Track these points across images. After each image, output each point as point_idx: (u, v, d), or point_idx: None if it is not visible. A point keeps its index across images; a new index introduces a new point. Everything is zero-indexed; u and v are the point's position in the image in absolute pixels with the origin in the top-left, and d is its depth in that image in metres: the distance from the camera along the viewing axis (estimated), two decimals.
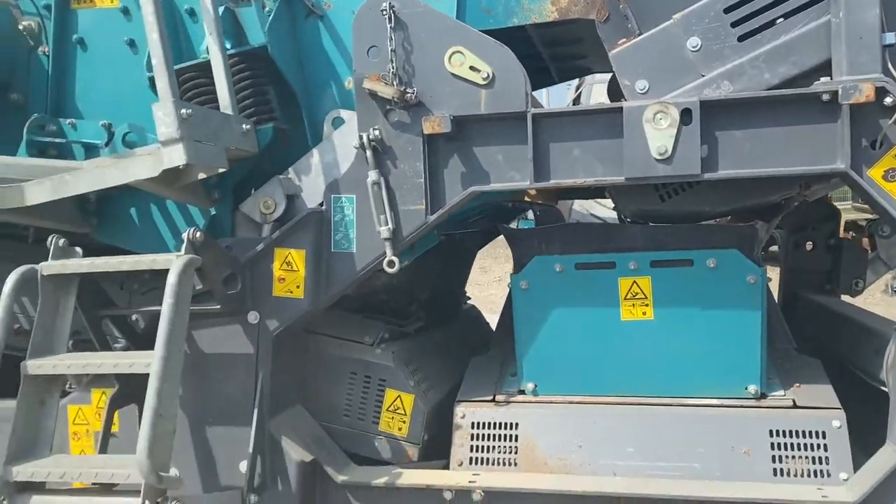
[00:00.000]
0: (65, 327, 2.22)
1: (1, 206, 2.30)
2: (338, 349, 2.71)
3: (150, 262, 2.21)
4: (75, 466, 2.03)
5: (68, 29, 2.84)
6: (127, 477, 1.95)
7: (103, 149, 2.74)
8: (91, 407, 2.69)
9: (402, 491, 2.47)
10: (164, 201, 2.60)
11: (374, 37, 2.35)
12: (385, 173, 2.38)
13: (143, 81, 2.73)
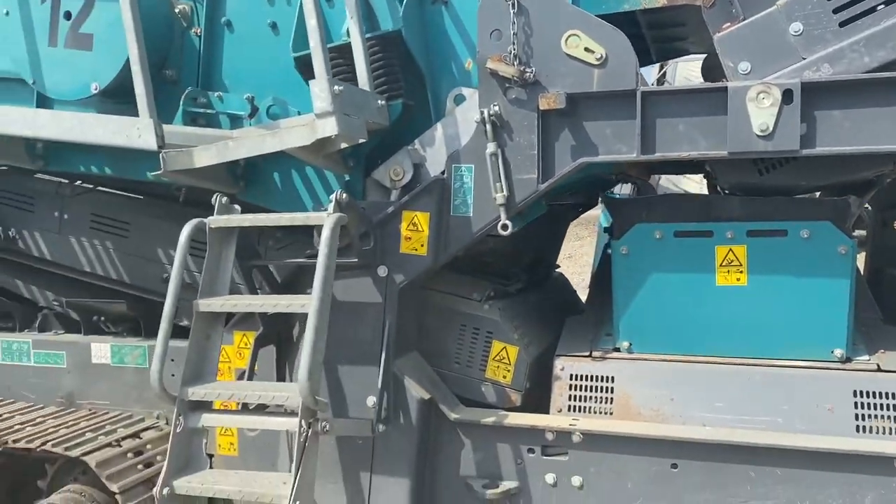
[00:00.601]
0: (226, 273, 2.59)
1: (172, 168, 2.66)
2: (450, 303, 3.00)
3: (304, 219, 2.55)
4: (240, 389, 2.40)
5: (218, 12, 3.18)
6: (286, 399, 2.30)
7: (247, 119, 3.09)
8: (233, 347, 3.06)
9: (508, 430, 2.77)
10: (304, 167, 2.93)
11: (497, 21, 2.61)
12: (502, 145, 2.64)
13: (283, 60, 3.04)
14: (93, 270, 3.56)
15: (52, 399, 3.42)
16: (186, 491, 2.33)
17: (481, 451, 2.81)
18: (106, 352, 3.34)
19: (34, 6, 3.15)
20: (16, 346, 3.49)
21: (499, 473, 2.79)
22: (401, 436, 2.78)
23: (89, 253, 3.57)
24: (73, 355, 3.41)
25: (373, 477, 2.81)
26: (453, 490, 2.83)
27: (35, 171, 3.50)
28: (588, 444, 2.68)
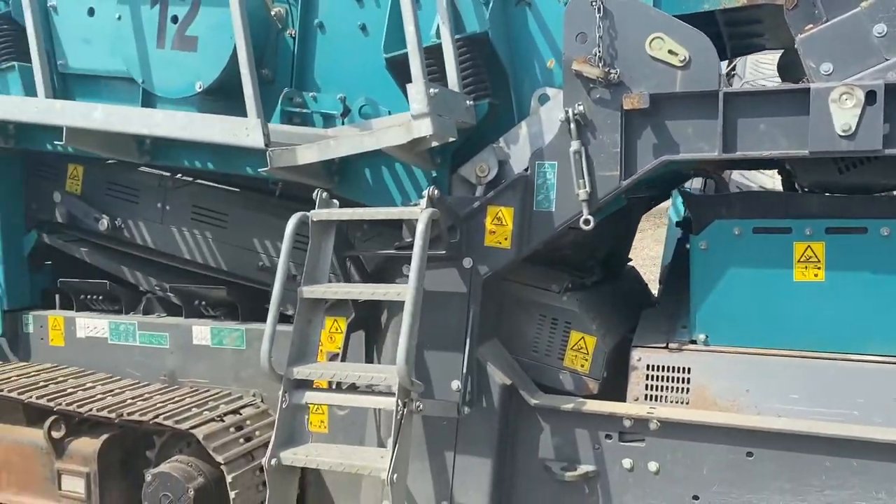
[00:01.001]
0: (326, 263, 2.79)
1: (277, 165, 2.87)
2: (529, 294, 3.14)
3: (400, 213, 2.72)
4: (341, 370, 2.59)
5: (311, 14, 3.37)
6: (384, 380, 2.48)
7: (338, 118, 3.28)
8: (324, 331, 3.26)
9: (587, 416, 2.90)
10: (393, 164, 3.10)
11: (583, 25, 2.72)
12: (585, 143, 2.76)
13: (373, 60, 3.21)
14: (192, 258, 3.82)
15: (155, 377, 3.70)
16: (292, 462, 2.54)
17: (560, 435, 2.95)
18: (206, 334, 3.59)
19: (144, 11, 3.40)
20: (123, 327, 3.78)
21: (576, 457, 2.93)
22: (483, 419, 2.94)
23: (189, 242, 3.83)
24: (175, 337, 3.67)
25: (456, 457, 2.98)
26: (532, 471, 2.98)
27: (140, 165, 3.77)
28: (665, 432, 2.79)
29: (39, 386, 3.49)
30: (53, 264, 4.19)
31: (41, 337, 3.98)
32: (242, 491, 2.98)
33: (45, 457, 3.37)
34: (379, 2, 3.24)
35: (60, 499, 3.36)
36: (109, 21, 3.61)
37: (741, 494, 2.72)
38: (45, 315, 3.98)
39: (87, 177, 4.03)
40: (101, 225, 3.90)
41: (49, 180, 4.09)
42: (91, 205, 3.96)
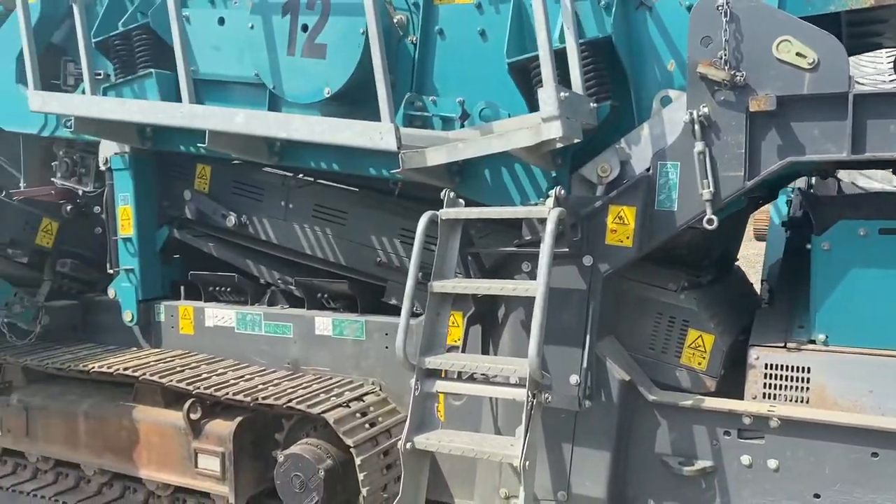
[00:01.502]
0: (453, 259, 2.93)
1: (409, 166, 3.03)
2: (646, 292, 3.21)
3: (527, 212, 2.84)
4: (470, 361, 2.73)
5: (431, 21, 3.52)
6: (513, 372, 2.60)
7: (457, 121, 3.42)
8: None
9: (705, 413, 2.95)
10: (513, 164, 3.21)
11: (708, 28, 2.77)
12: (709, 144, 2.81)
13: (491, 65, 3.34)
14: (313, 253, 4.04)
15: (279, 364, 3.93)
16: (425, 446, 2.69)
17: (677, 431, 3.01)
18: (328, 325, 3.80)
19: (275, 20, 3.61)
20: (249, 317, 4.03)
21: (694, 452, 2.99)
22: (601, 413, 3.03)
23: (310, 238, 4.05)
24: (298, 327, 3.90)
25: (574, 449, 3.08)
26: (648, 465, 3.05)
27: (268, 166, 4.01)
28: (785, 430, 2.82)
29: (176, 371, 3.77)
30: (181, 258, 4.50)
31: (172, 325, 4.28)
32: (370, 473, 3.16)
33: (182, 437, 3.64)
34: (499, 8, 3.36)
35: (197, 476, 3.62)
36: (240, 30, 3.85)
37: (864, 494, 2.72)
38: (175, 305, 4.27)
39: (215, 176, 4.30)
40: (228, 221, 4.16)
41: (179, 179, 4.38)
42: (218, 202, 4.23)
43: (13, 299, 4.04)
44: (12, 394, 4.22)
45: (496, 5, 3.37)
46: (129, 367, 3.78)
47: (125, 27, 4.12)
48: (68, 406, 4.02)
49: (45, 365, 3.99)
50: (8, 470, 4.40)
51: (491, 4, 3.38)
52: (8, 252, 4.26)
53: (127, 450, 3.83)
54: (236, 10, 3.93)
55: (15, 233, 4.18)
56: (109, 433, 3.88)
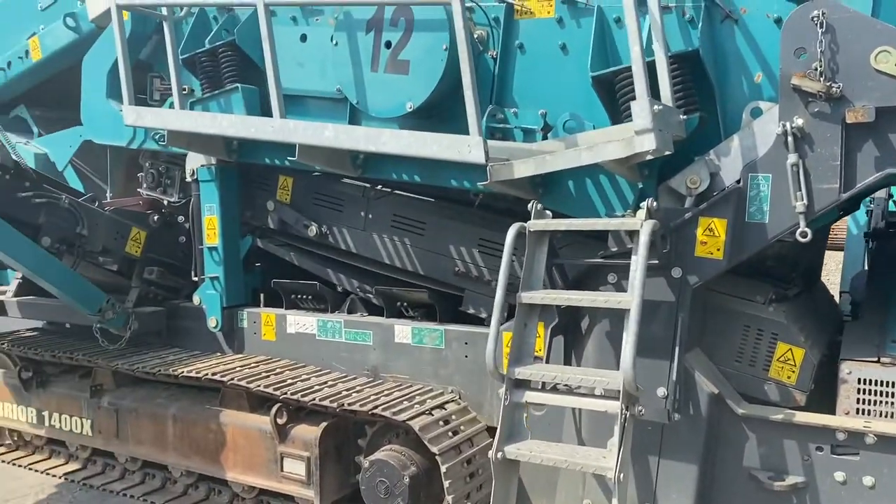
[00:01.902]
0: (541, 270, 2.97)
1: (496, 178, 3.08)
2: (732, 305, 3.19)
3: (619, 224, 2.86)
4: (561, 373, 2.76)
5: (512, 36, 3.56)
6: (606, 384, 2.62)
7: (539, 133, 3.45)
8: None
9: (796, 427, 2.91)
10: (598, 175, 3.23)
11: (802, 40, 2.75)
12: (803, 156, 2.78)
13: (573, 78, 3.37)
14: (392, 263, 4.12)
15: (359, 371, 4.02)
16: (516, 456, 2.73)
17: (767, 445, 2.98)
18: (407, 333, 3.87)
19: (359, 37, 3.71)
20: (330, 324, 4.13)
21: (784, 468, 2.95)
22: (689, 425, 3.02)
23: (389, 248, 4.13)
24: (378, 334, 3.98)
25: (661, 461, 3.07)
26: (736, 479, 3.02)
27: (348, 177, 4.11)
28: (883, 447, 2.77)
29: (262, 376, 3.89)
30: (262, 266, 4.64)
31: (254, 332, 4.41)
32: (454, 481, 3.20)
33: (268, 441, 3.75)
34: (580, 23, 3.39)
35: (282, 479, 3.72)
36: (322, 47, 3.96)
37: None
38: (258, 312, 4.40)
39: (297, 188, 4.43)
40: (310, 231, 4.28)
41: (262, 190, 4.52)
42: (300, 213, 4.35)
43: (106, 306, 4.21)
44: (103, 396, 4.40)
45: (577, 20, 3.40)
46: (217, 372, 3.92)
47: (211, 44, 4.28)
48: (157, 409, 4.18)
49: (136, 369, 4.15)
50: (98, 469, 4.60)
51: (572, 19, 3.42)
52: (99, 260, 4.45)
53: (213, 452, 3.96)
54: (318, 27, 4.05)
55: (107, 242, 4.37)
56: (197, 436, 4.02)
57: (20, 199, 3.88)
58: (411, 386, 3.77)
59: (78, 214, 4.14)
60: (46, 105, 5.82)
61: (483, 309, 3.88)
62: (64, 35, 5.11)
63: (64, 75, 5.47)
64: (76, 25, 5.02)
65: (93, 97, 4.85)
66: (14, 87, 5.61)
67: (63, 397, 4.57)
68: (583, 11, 3.38)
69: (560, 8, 3.43)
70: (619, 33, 3.29)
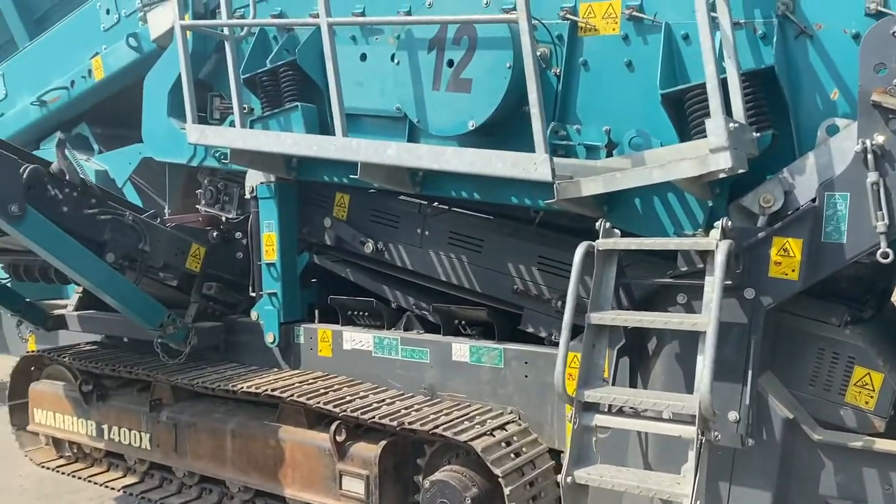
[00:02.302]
0: (609, 290, 2.92)
1: (563, 196, 3.05)
2: (806, 327, 3.09)
3: (693, 244, 2.81)
4: (634, 396, 2.70)
5: (576, 53, 3.53)
6: (682, 408, 2.56)
7: (603, 150, 3.42)
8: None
9: (876, 455, 2.81)
10: (666, 193, 3.18)
11: (882, 54, 2.68)
12: (883, 174, 2.70)
13: (639, 95, 3.32)
14: (449, 280, 4.11)
15: (415, 389, 4.00)
16: (586, 481, 2.67)
17: (844, 473, 2.88)
18: (465, 351, 3.85)
19: (421, 56, 3.72)
20: (386, 341, 4.12)
21: (863, 496, 2.85)
22: (762, 451, 2.93)
23: (446, 265, 4.12)
24: (435, 352, 3.96)
25: (732, 487, 2.99)
26: None
27: (405, 194, 4.11)
28: None
29: (320, 393, 3.89)
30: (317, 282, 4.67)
31: (310, 347, 4.42)
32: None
33: (327, 458, 3.75)
34: (646, 40, 3.35)
35: (340, 497, 3.71)
36: (381, 66, 3.99)
37: None
38: (314, 328, 4.42)
39: (353, 204, 4.45)
40: (366, 248, 4.29)
41: (319, 207, 4.55)
42: (357, 229, 4.36)
43: (167, 321, 4.27)
44: (162, 410, 4.45)
45: (643, 36, 3.36)
46: (276, 388, 3.93)
47: (273, 64, 4.34)
48: (216, 424, 4.21)
49: (195, 384, 4.19)
50: (155, 483, 4.65)
51: (638, 36, 3.38)
52: (159, 275, 4.52)
53: (271, 468, 3.97)
54: (378, 46, 4.08)
55: (168, 258, 4.43)
56: (255, 451, 4.04)
57: (87, 216, 3.96)
58: (470, 405, 3.74)
59: (141, 231, 4.21)
60: (106, 123, 5.98)
61: (542, 328, 3.83)
62: (126, 54, 5.25)
63: (124, 94, 5.64)
64: (138, 45, 5.16)
65: (154, 115, 4.96)
66: (77, 105, 5.79)
67: (122, 411, 4.63)
68: (650, 28, 3.34)
69: (626, 25, 3.40)
70: (687, 50, 3.25)
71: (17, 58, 6.21)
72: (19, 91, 6.15)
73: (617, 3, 3.45)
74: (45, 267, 4.42)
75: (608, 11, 3.49)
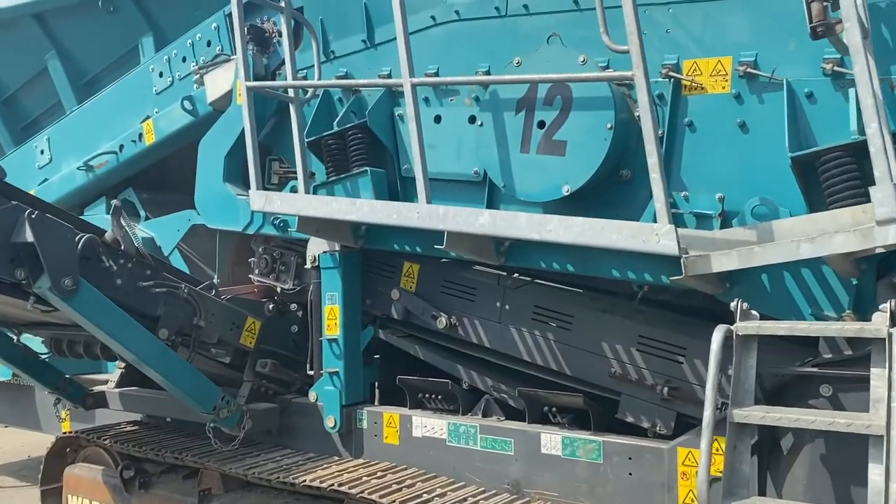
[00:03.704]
0: (751, 381, 2.53)
1: (692, 273, 2.69)
2: None
3: (858, 330, 2.42)
4: None
5: (680, 113, 3.24)
6: None
7: (716, 219, 3.07)
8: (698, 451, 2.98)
9: None
10: (799, 269, 2.81)
11: None
12: None
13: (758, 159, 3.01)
14: (532, 360, 3.72)
15: (497, 485, 3.57)
16: None
17: None
18: (557, 443, 3.43)
19: (507, 117, 3.44)
20: (463, 429, 3.72)
21: None
22: None
23: (529, 343, 3.74)
24: (521, 443, 3.54)
25: None
26: None
27: (480, 264, 3.77)
28: None
29: (391, 488, 3.48)
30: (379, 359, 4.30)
31: (375, 433, 4.02)
32: None
33: None
34: (762, 98, 3.06)
35: None
36: (457, 127, 3.73)
37: None
38: (379, 411, 4.03)
39: (423, 275, 4.11)
40: (438, 323, 3.93)
41: (385, 278, 4.22)
42: (427, 302, 4.02)
43: (221, 403, 3.90)
44: (212, 501, 4.05)
45: (759, 95, 3.07)
46: (342, 482, 3.53)
47: (340, 127, 4.09)
48: None
49: (251, 474, 3.80)
50: None
51: (752, 94, 3.08)
52: (211, 351, 4.18)
53: None
54: (453, 107, 3.82)
55: (223, 333, 4.09)
56: None
57: (141, 289, 3.65)
58: None
59: (196, 304, 3.89)
60: (154, 188, 5.76)
61: (643, 417, 3.42)
62: (180, 118, 5.04)
63: (173, 158, 5.43)
64: (193, 108, 4.95)
65: (208, 181, 4.71)
66: (125, 169, 5.57)
67: (167, 500, 4.23)
68: (766, 86, 3.05)
69: (738, 83, 3.10)
70: (811, 109, 2.94)
71: (65, 122, 6.06)
72: (65, 156, 5.96)
73: (727, 60, 3.17)
74: (90, 342, 4.10)
75: (717, 69, 3.20)
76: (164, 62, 5.25)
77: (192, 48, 5.10)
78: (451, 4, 3.91)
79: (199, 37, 5.05)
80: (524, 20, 3.70)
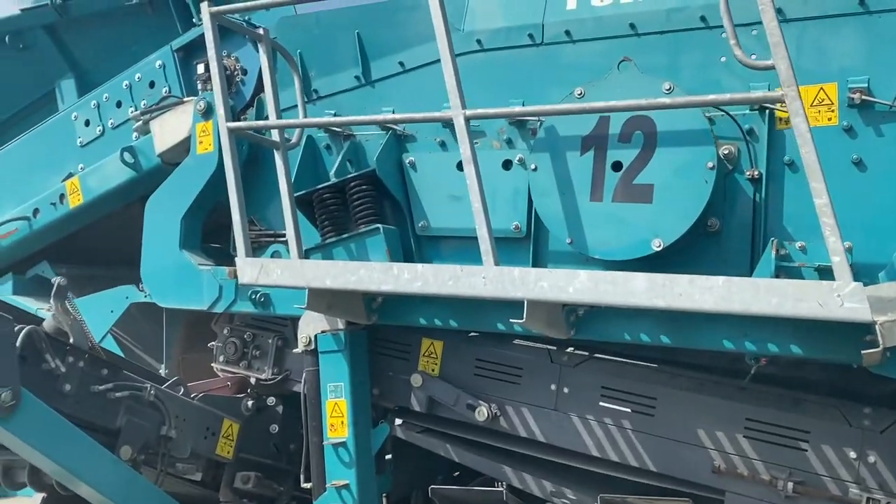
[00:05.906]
0: None
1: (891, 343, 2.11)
2: None
3: None
4: None
5: (779, 152, 2.76)
6: None
7: None
8: None
9: None
10: None
11: None
12: None
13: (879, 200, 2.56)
14: (603, 455, 3.03)
15: None
16: None
17: None
18: None
19: (570, 158, 2.85)
20: None
21: None
22: None
23: (598, 434, 3.05)
24: None
25: None
26: None
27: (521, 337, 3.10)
28: None
29: None
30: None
31: None
32: None
33: None
34: (880, 130, 2.62)
35: None
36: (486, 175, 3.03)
37: None
38: None
39: (447, 354, 3.36)
40: (478, 414, 3.18)
41: (398, 360, 3.45)
42: (460, 389, 3.26)
43: None
44: None
45: (875, 127, 2.63)
46: None
47: (339, 178, 3.36)
48: None
49: None
50: None
51: (867, 126, 2.64)
52: (178, 468, 3.21)
53: None
54: (479, 151, 3.16)
55: (196, 443, 3.15)
56: None
57: (96, 396, 2.70)
58: None
59: (164, 409, 2.95)
60: (75, 260, 4.72)
61: None
62: (116, 174, 4.11)
63: (98, 224, 4.45)
64: (134, 161, 4.04)
65: (159, 249, 3.80)
66: (39, 238, 4.51)
67: None
68: (882, 117, 2.61)
69: (847, 114, 2.66)
70: None
71: None
72: None
73: (831, 88, 2.72)
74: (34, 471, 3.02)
75: (819, 97, 2.75)
76: (92, 108, 4.34)
77: (129, 90, 4.23)
78: (469, 33, 3.34)
79: (138, 77, 4.20)
80: (567, 48, 3.17)
